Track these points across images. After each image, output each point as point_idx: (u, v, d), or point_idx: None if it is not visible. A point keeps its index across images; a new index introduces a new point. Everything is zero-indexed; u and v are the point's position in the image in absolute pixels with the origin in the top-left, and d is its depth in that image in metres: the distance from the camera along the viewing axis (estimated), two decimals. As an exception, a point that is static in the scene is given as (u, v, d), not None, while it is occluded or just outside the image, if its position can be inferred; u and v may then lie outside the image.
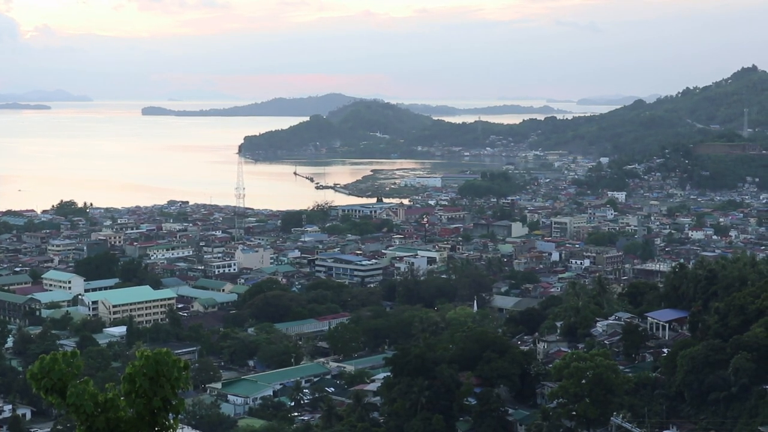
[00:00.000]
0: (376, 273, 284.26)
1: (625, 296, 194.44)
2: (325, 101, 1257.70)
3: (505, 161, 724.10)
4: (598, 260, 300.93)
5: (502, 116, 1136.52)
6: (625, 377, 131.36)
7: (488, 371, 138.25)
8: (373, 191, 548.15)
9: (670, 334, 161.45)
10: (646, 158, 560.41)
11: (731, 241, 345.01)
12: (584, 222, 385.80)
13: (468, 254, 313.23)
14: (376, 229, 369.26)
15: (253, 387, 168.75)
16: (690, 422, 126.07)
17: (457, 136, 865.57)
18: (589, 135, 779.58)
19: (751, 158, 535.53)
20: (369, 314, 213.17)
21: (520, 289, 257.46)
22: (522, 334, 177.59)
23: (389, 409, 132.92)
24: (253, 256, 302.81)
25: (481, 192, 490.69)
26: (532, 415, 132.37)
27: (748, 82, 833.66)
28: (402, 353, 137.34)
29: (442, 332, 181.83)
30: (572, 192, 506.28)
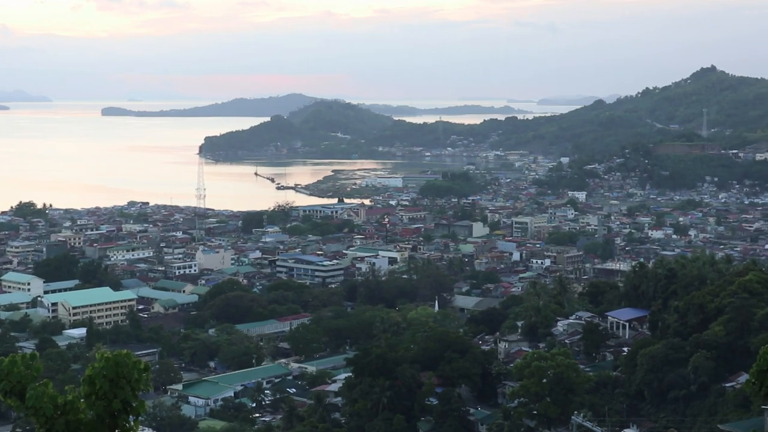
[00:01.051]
0: (338, 273, 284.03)
1: (586, 295, 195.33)
2: (286, 101, 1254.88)
3: (466, 161, 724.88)
4: (558, 260, 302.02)
5: (463, 116, 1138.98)
6: (585, 376, 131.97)
7: (449, 371, 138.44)
8: (334, 192, 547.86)
9: (630, 333, 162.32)
10: (606, 158, 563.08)
11: (690, 240, 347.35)
12: (545, 222, 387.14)
13: (429, 254, 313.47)
14: (337, 230, 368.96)
15: (214, 388, 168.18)
16: (650, 420, 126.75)
17: (418, 137, 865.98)
18: (549, 135, 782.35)
19: (710, 158, 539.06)
20: (330, 315, 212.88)
21: (481, 289, 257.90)
22: (483, 334, 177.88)
23: (350, 409, 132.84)
24: (213, 257, 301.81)
25: (442, 192, 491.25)
26: (494, 414, 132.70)
27: (707, 83, 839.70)
28: (363, 354, 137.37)
29: (403, 332, 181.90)
30: (533, 192, 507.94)
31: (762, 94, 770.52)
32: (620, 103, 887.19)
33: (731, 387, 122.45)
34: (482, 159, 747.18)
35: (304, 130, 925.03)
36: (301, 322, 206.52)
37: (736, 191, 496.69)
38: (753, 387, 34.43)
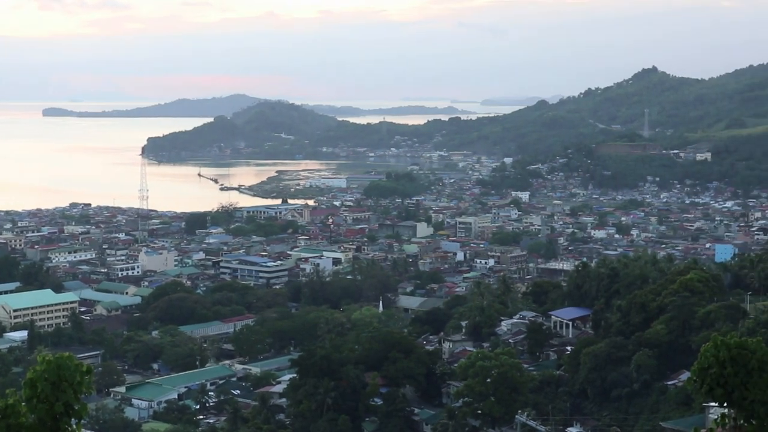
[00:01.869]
0: (282, 274, 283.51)
1: (529, 295, 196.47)
2: (230, 102, 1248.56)
3: (410, 162, 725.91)
4: (502, 260, 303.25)
5: (407, 117, 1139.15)
6: (529, 375, 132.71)
7: (394, 371, 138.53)
8: (278, 192, 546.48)
9: (574, 332, 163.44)
10: (549, 158, 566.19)
11: (633, 239, 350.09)
12: (488, 222, 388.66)
13: (373, 255, 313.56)
14: (281, 231, 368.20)
15: (157, 390, 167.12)
16: (593, 419, 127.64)
17: (362, 137, 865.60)
18: (493, 135, 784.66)
19: (652, 158, 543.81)
20: (274, 316, 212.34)
21: (425, 289, 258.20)
22: (427, 334, 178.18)
23: (295, 410, 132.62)
24: (156, 259, 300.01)
25: (386, 192, 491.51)
26: (438, 414, 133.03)
27: (649, 83, 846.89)
28: (308, 354, 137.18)
29: (347, 333, 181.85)
30: (477, 192, 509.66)
31: (702, 95, 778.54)
32: (563, 104, 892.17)
33: (673, 385, 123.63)
34: (426, 159, 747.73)
35: (247, 130, 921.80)
36: (245, 324, 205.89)
37: (678, 191, 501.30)
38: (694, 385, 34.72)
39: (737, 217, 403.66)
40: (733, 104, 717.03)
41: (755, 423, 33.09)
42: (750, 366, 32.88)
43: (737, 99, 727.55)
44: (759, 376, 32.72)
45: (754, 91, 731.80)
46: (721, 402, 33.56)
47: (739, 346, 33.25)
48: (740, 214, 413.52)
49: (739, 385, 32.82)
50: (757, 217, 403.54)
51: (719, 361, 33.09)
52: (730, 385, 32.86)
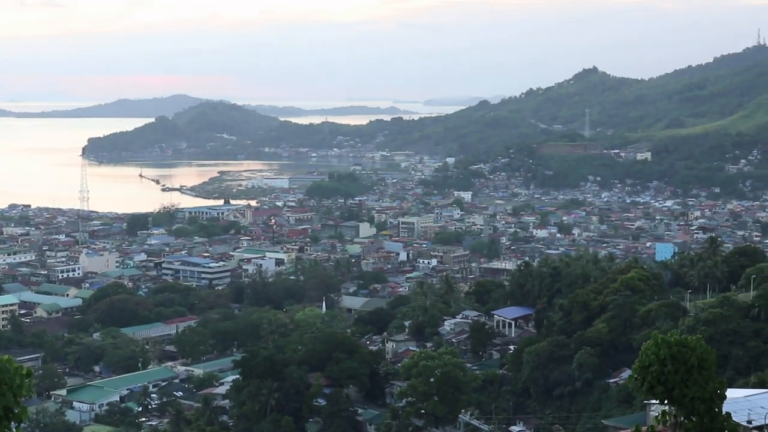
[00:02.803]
0: (224, 275, 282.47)
1: (472, 295, 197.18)
2: (171, 102, 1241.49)
3: (353, 162, 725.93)
4: (445, 259, 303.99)
5: (349, 117, 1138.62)
6: (472, 375, 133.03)
7: (337, 372, 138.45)
8: (220, 193, 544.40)
9: (516, 331, 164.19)
10: (491, 158, 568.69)
11: (574, 239, 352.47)
12: (431, 222, 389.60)
13: (316, 255, 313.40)
14: (224, 231, 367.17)
15: (99, 393, 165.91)
16: (536, 417, 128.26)
17: (304, 137, 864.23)
18: (435, 135, 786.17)
19: (593, 157, 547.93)
20: (217, 317, 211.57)
21: (368, 290, 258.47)
22: (371, 334, 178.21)
23: (238, 411, 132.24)
24: (98, 260, 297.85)
25: (329, 193, 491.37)
26: (382, 414, 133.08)
27: (589, 83, 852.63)
28: (251, 355, 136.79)
29: (290, 334, 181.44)
30: (419, 192, 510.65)
31: (642, 95, 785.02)
32: (504, 104, 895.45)
33: (614, 383, 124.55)
34: (369, 159, 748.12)
35: (189, 131, 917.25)
36: (187, 325, 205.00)
37: (618, 190, 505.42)
38: (635, 382, 35.00)
39: (677, 216, 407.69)
40: (673, 104, 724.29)
41: (695, 420, 33.41)
42: (690, 363, 33.20)
43: (676, 99, 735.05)
44: (699, 374, 33.04)
45: (692, 91, 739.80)
46: (661, 399, 33.85)
47: (679, 344, 33.55)
48: (680, 213, 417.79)
49: (679, 383, 33.12)
50: (696, 216, 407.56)
51: (660, 359, 33.36)
52: (670, 382, 33.15)
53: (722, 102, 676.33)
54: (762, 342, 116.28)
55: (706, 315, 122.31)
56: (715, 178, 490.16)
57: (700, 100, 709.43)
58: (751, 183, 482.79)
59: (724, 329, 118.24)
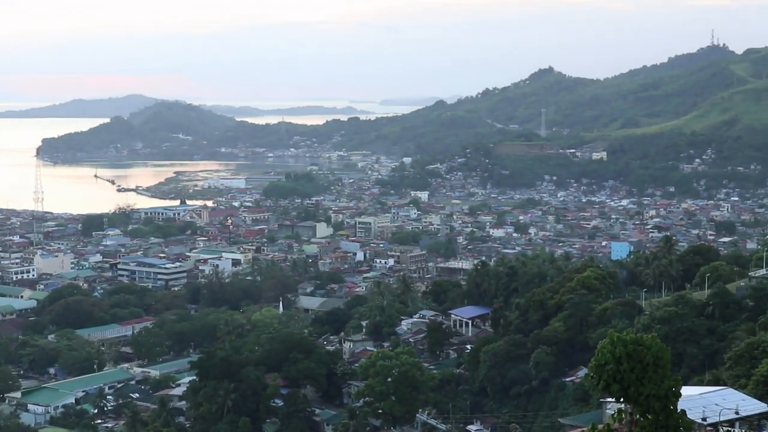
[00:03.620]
0: (180, 276, 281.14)
1: (429, 294, 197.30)
2: (127, 102, 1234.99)
3: (309, 162, 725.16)
4: (402, 259, 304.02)
5: (306, 117, 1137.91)
6: (429, 374, 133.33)
7: (294, 372, 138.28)
8: (176, 193, 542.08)
9: (473, 330, 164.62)
10: (447, 158, 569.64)
11: (531, 238, 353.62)
12: (388, 221, 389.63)
13: (273, 255, 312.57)
14: (180, 232, 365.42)
15: (54, 395, 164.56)
16: (493, 416, 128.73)
17: (260, 137, 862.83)
18: (391, 135, 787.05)
19: (549, 157, 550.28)
20: (173, 318, 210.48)
21: (325, 290, 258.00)
22: (328, 334, 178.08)
23: (195, 413, 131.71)
24: (52, 261, 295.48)
25: (286, 193, 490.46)
26: (339, 414, 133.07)
27: (545, 83, 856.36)
28: (207, 356, 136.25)
29: (247, 334, 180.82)
30: (376, 192, 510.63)
31: (597, 95, 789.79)
32: (461, 104, 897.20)
33: (571, 381, 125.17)
34: (325, 159, 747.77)
35: (145, 131, 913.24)
36: (143, 326, 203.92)
37: (574, 190, 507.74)
38: (591, 381, 35.24)
39: (632, 216, 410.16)
40: (628, 104, 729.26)
41: (651, 417, 33.62)
42: (645, 362, 33.43)
43: (631, 99, 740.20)
44: (654, 372, 33.28)
45: (647, 91, 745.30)
46: (617, 397, 34.09)
47: (634, 342, 33.79)
48: (635, 212, 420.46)
49: (634, 381, 33.35)
50: (651, 215, 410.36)
51: (616, 358, 33.57)
52: (626, 380, 33.38)
53: (677, 102, 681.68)
54: (716, 340, 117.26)
55: (661, 313, 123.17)
56: (669, 178, 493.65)
57: (655, 100, 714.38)
58: (706, 182, 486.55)
59: (679, 327, 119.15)
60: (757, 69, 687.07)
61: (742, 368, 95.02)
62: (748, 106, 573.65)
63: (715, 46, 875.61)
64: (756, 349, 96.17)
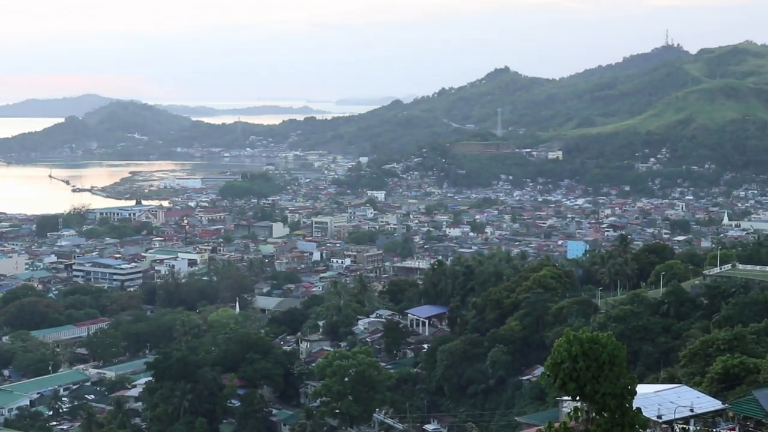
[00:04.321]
0: (136, 276, 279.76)
1: (386, 294, 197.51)
2: (81, 102, 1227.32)
3: (266, 162, 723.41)
4: (358, 259, 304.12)
5: (262, 117, 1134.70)
6: (386, 374, 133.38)
7: (251, 372, 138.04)
8: (131, 193, 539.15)
9: (430, 330, 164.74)
10: (404, 157, 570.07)
11: (487, 237, 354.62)
12: (345, 221, 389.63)
13: (229, 255, 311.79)
14: (136, 232, 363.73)
15: (8, 397, 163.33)
16: (450, 415, 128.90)
17: (216, 137, 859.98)
18: (348, 135, 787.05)
19: (505, 156, 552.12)
20: (129, 318, 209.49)
21: (282, 290, 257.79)
22: (285, 334, 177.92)
23: (151, 414, 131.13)
24: (6, 262, 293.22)
25: (242, 193, 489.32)
26: (296, 414, 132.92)
27: (501, 83, 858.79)
28: (163, 357, 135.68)
29: (204, 335, 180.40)
30: (332, 192, 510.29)
31: (553, 94, 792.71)
32: (417, 103, 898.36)
33: (527, 380, 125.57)
34: (282, 159, 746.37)
35: (100, 131, 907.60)
36: (99, 327, 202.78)
37: (530, 189, 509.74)
38: (548, 379, 35.35)
39: (588, 215, 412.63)
40: (583, 103, 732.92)
41: (607, 416, 33.77)
42: (601, 360, 33.57)
43: (587, 98, 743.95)
44: (610, 370, 33.43)
45: (603, 90, 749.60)
46: (573, 396, 34.20)
47: (590, 340, 33.92)
48: (591, 211, 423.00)
49: (590, 379, 33.48)
50: (607, 214, 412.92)
51: (572, 356, 33.70)
52: (582, 379, 33.51)
53: (632, 101, 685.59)
54: (671, 338, 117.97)
55: (617, 312, 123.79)
56: (624, 177, 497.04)
57: (610, 99, 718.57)
58: (660, 181, 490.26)
59: (634, 326, 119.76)
60: (710, 69, 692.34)
61: (696, 366, 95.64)
62: (702, 106, 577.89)
63: (670, 46, 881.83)
64: (710, 346, 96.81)
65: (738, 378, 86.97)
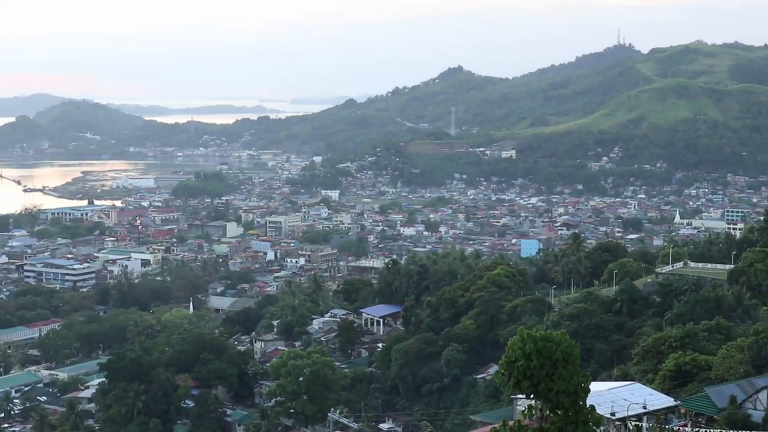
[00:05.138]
0: (89, 277, 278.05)
1: (340, 293, 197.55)
2: (32, 101, 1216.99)
3: (219, 161, 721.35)
4: (313, 258, 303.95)
5: (216, 116, 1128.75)
6: (341, 373, 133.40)
7: (205, 373, 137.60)
8: (84, 193, 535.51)
9: (385, 329, 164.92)
10: (358, 157, 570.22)
11: (441, 236, 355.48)
12: (299, 221, 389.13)
13: (183, 255, 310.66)
14: (88, 232, 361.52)
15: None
16: (405, 414, 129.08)
17: (170, 137, 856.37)
18: (302, 134, 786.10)
19: (459, 156, 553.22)
20: (82, 319, 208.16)
21: (236, 289, 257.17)
22: (239, 334, 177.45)
23: (105, 415, 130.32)
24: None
25: (195, 192, 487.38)
26: (251, 414, 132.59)
27: (455, 82, 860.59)
28: (117, 358, 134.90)
29: (157, 335, 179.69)
30: (286, 191, 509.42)
31: (507, 93, 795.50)
32: (371, 102, 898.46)
33: (482, 378, 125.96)
34: (235, 159, 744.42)
35: (51, 130, 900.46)
36: (51, 328, 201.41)
37: (484, 188, 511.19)
38: (502, 378, 35.46)
39: (541, 213, 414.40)
40: (537, 103, 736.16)
41: (561, 413, 33.93)
42: (555, 358, 33.73)
43: (540, 98, 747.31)
44: (564, 368, 33.59)
45: (556, 89, 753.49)
46: (527, 394, 34.34)
47: (544, 339, 34.07)
48: (544, 209, 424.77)
49: (544, 377, 33.63)
50: (560, 213, 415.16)
51: (526, 354, 33.84)
52: (536, 377, 33.65)
53: (584, 101, 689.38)
54: (624, 336, 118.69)
55: (570, 310, 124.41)
56: (577, 176, 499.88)
57: (563, 98, 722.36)
58: (613, 180, 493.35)
59: (587, 324, 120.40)
60: (662, 68, 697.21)
61: (649, 363, 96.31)
62: (654, 105, 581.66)
63: (622, 45, 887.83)
64: (663, 344, 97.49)
65: (690, 375, 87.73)
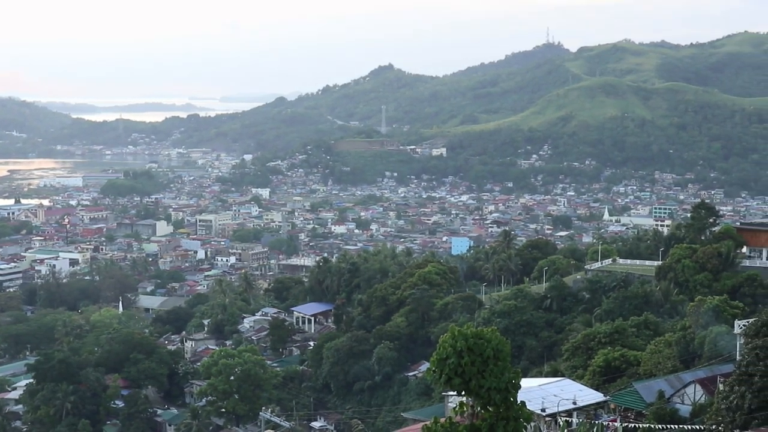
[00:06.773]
0: (16, 276, 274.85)
1: (271, 292, 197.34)
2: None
3: (149, 159, 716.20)
4: (243, 257, 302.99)
5: (144, 114, 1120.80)
6: (272, 372, 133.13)
7: (135, 373, 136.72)
8: (10, 192, 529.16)
9: (316, 327, 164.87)
10: (288, 155, 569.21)
11: (372, 234, 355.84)
12: (229, 219, 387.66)
13: (112, 254, 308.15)
14: (15, 231, 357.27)
15: None
16: (336, 412, 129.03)
17: (98, 135, 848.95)
18: (232, 132, 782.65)
19: (389, 153, 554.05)
20: (9, 319, 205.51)
21: (166, 288, 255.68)
22: (169, 334, 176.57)
23: (33, 416, 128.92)
24: None
25: (125, 191, 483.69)
26: (182, 414, 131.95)
27: (385, 80, 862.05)
28: (45, 359, 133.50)
29: (86, 335, 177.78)
30: (217, 189, 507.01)
31: (437, 91, 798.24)
32: (301, 100, 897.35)
33: (413, 376, 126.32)
34: (165, 157, 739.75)
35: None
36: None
37: (415, 186, 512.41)
38: (433, 375, 35.52)
39: (472, 211, 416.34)
40: (467, 101, 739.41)
41: (492, 410, 34.05)
42: (486, 355, 33.83)
43: (470, 96, 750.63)
44: (495, 365, 33.71)
45: (485, 87, 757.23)
46: (459, 391, 34.40)
47: (475, 336, 34.15)
48: (474, 207, 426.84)
49: (476, 374, 33.72)
50: (490, 210, 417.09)
51: (456, 351, 33.90)
52: (467, 374, 33.72)
53: (514, 98, 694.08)
54: (554, 332, 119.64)
55: (501, 307, 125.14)
56: (508, 173, 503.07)
57: (493, 96, 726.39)
58: (543, 177, 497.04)
59: (518, 320, 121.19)
60: (590, 67, 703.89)
61: (579, 359, 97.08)
62: (583, 103, 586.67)
63: (551, 44, 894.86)
64: (592, 340, 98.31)
65: (619, 370, 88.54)
